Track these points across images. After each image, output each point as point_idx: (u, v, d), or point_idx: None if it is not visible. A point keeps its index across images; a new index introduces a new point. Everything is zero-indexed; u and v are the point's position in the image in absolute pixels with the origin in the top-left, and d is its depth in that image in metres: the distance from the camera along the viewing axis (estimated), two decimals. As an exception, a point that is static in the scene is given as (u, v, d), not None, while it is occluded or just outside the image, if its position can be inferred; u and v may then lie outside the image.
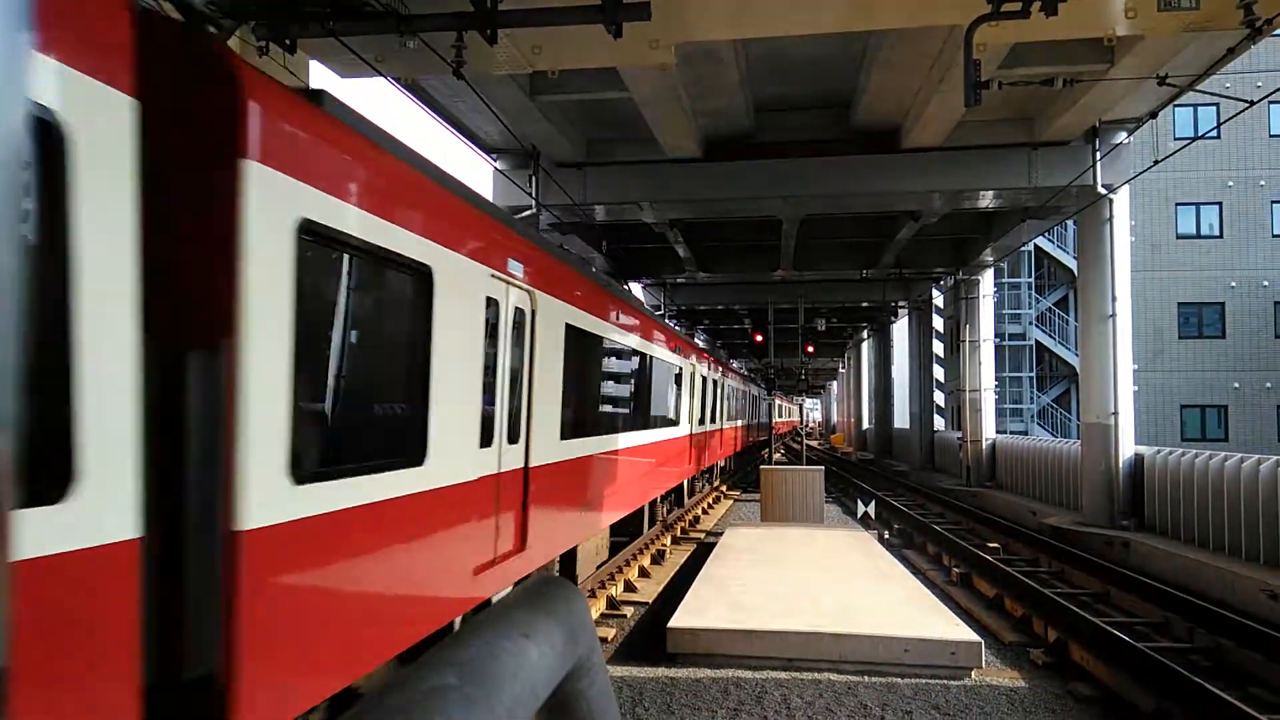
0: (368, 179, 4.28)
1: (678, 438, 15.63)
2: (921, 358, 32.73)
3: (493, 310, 5.97)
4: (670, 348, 14.33)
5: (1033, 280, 36.78)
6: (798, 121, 16.63)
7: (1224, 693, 6.66)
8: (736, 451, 30.32)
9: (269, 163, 3.49)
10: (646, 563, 13.39)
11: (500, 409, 6.17)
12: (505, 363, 6.26)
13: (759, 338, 31.43)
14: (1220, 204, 30.68)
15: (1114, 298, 15.79)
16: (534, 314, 6.82)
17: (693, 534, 17.21)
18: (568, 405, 7.86)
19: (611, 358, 10.10)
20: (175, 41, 3.34)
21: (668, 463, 14.77)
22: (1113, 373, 15.72)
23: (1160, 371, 30.54)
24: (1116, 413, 15.61)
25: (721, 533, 14.87)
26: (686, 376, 16.36)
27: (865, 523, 17.35)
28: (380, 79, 10.70)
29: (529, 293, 6.72)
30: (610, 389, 10.18)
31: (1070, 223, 26.65)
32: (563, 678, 1.62)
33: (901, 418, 37.90)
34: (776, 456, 42.21)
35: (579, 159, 17.03)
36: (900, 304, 33.33)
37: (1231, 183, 30.46)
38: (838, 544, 13.23)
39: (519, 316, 6.54)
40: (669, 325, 16.34)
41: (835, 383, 79.81)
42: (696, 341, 25.57)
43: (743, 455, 34.59)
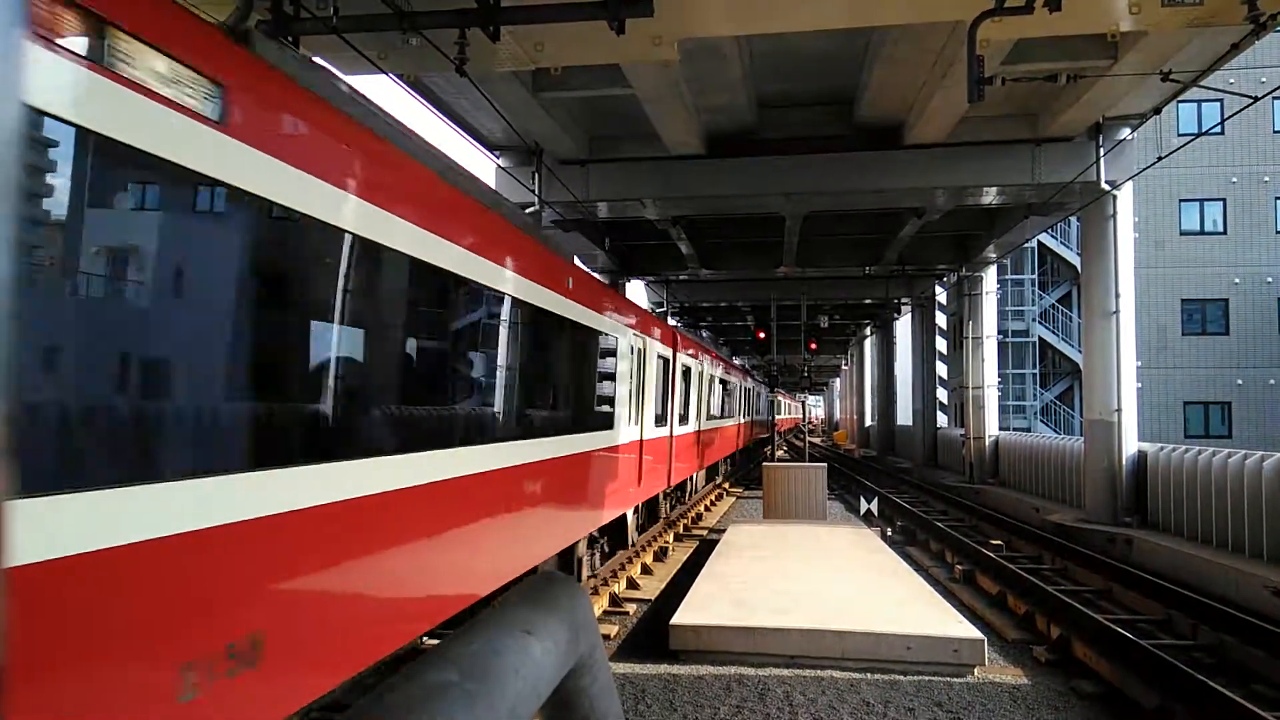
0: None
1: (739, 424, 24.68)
2: (924, 354, 32.71)
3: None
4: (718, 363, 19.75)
5: (1036, 277, 36.69)
6: (800, 118, 16.60)
7: (1228, 690, 6.65)
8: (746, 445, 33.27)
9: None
10: (649, 560, 13.40)
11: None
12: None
13: (762, 335, 31.43)
14: (1224, 200, 30.60)
15: (1117, 294, 15.77)
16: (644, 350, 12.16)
17: (695, 531, 17.22)
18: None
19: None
20: None
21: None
22: (1116, 369, 15.70)
23: (1164, 368, 30.49)
24: (1120, 409, 15.59)
25: (724, 530, 14.87)
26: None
27: (868, 520, 17.35)
28: (383, 76, 10.70)
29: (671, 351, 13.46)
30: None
31: (1074, 219, 26.58)
32: (565, 675, 1.62)
33: (904, 414, 37.88)
34: (779, 453, 42.21)
35: (582, 156, 17.02)
36: (903, 301, 33.30)
37: (1235, 179, 30.37)
38: (840, 541, 13.23)
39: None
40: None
41: (838, 380, 79.79)
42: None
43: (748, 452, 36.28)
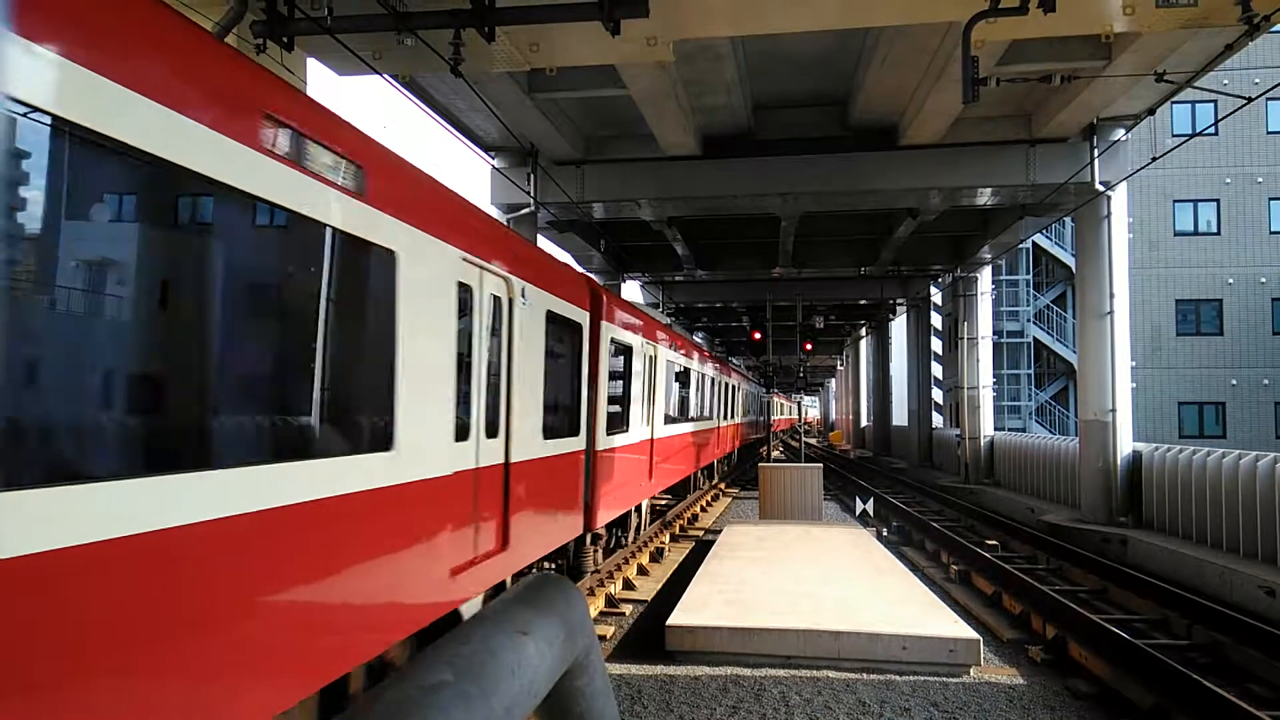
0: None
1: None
2: (920, 355, 32.75)
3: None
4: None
5: (1031, 277, 36.79)
6: (796, 119, 16.63)
7: (1222, 690, 6.66)
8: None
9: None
10: (645, 560, 13.39)
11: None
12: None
13: (757, 335, 31.41)
14: (1218, 201, 30.68)
15: (1112, 294, 15.80)
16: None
17: (691, 531, 17.21)
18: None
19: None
20: None
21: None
22: (1110, 370, 15.73)
23: (1158, 368, 30.56)
24: (1114, 410, 15.62)
25: (720, 530, 14.87)
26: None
27: (864, 520, 17.36)
28: (377, 76, 10.69)
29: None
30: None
31: (1068, 220, 26.65)
32: (561, 675, 1.61)
33: (900, 415, 37.91)
34: (775, 454, 42.23)
35: (577, 157, 17.01)
36: (898, 301, 33.33)
37: (1229, 179, 30.46)
38: (836, 541, 13.23)
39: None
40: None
41: (833, 380, 79.85)
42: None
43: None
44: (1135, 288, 21.76)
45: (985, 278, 25.77)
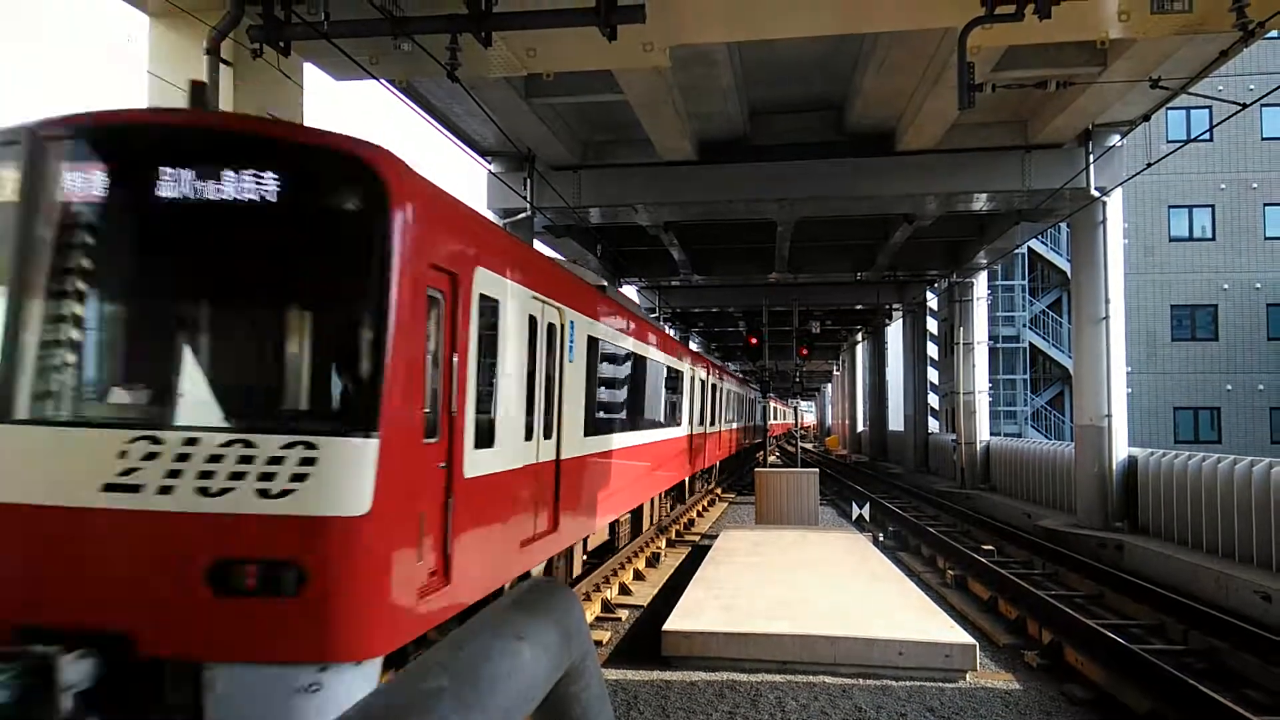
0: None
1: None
2: (916, 360, 32.79)
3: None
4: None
5: (1026, 283, 36.86)
6: (792, 124, 16.66)
7: (1218, 695, 6.67)
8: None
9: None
10: (641, 565, 13.38)
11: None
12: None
13: (754, 340, 31.43)
14: (1213, 206, 30.79)
15: (1107, 300, 15.83)
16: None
17: (688, 536, 17.21)
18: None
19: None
20: None
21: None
22: (1106, 375, 15.76)
23: (1153, 374, 30.63)
24: (1110, 415, 15.65)
25: (716, 535, 14.85)
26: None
27: (860, 525, 17.36)
28: (374, 81, 10.67)
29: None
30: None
31: (1064, 225, 26.72)
32: (557, 680, 1.61)
33: (896, 420, 37.96)
34: (772, 459, 42.24)
35: (574, 162, 17.03)
36: (894, 307, 33.42)
37: (1224, 185, 30.56)
38: (832, 546, 13.23)
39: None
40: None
41: (830, 385, 79.90)
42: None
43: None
44: (1131, 293, 21.81)
45: (981, 283, 25.83)
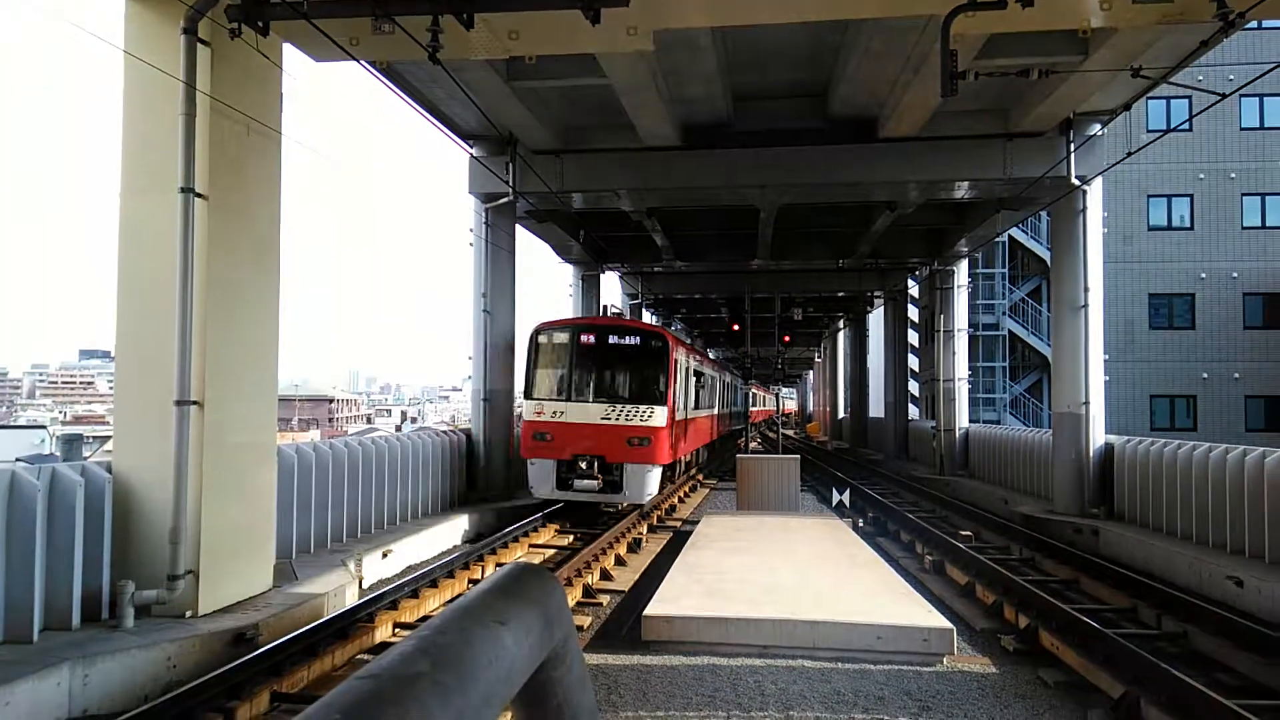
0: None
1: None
2: (896, 347, 32.93)
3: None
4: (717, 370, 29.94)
5: (1006, 271, 37.01)
6: (776, 110, 16.63)
7: (1190, 678, 6.77)
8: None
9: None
10: (623, 551, 13.41)
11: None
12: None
13: (736, 327, 31.50)
14: (1191, 196, 31.03)
15: (1086, 288, 15.95)
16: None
17: (669, 522, 17.26)
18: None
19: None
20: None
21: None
22: (1084, 363, 15.89)
23: (1131, 362, 30.91)
24: (1087, 402, 15.79)
25: (698, 521, 14.91)
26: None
27: (840, 511, 17.46)
28: (355, 63, 10.56)
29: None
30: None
31: (1044, 214, 26.86)
32: (538, 665, 1.61)
33: (877, 407, 38.15)
34: (753, 445, 42.41)
35: (556, 146, 16.94)
36: (876, 294, 33.52)
37: (1202, 175, 30.81)
38: (813, 532, 13.30)
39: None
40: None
41: (811, 372, 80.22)
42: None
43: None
44: (1109, 282, 21.98)
45: (962, 271, 25.96)
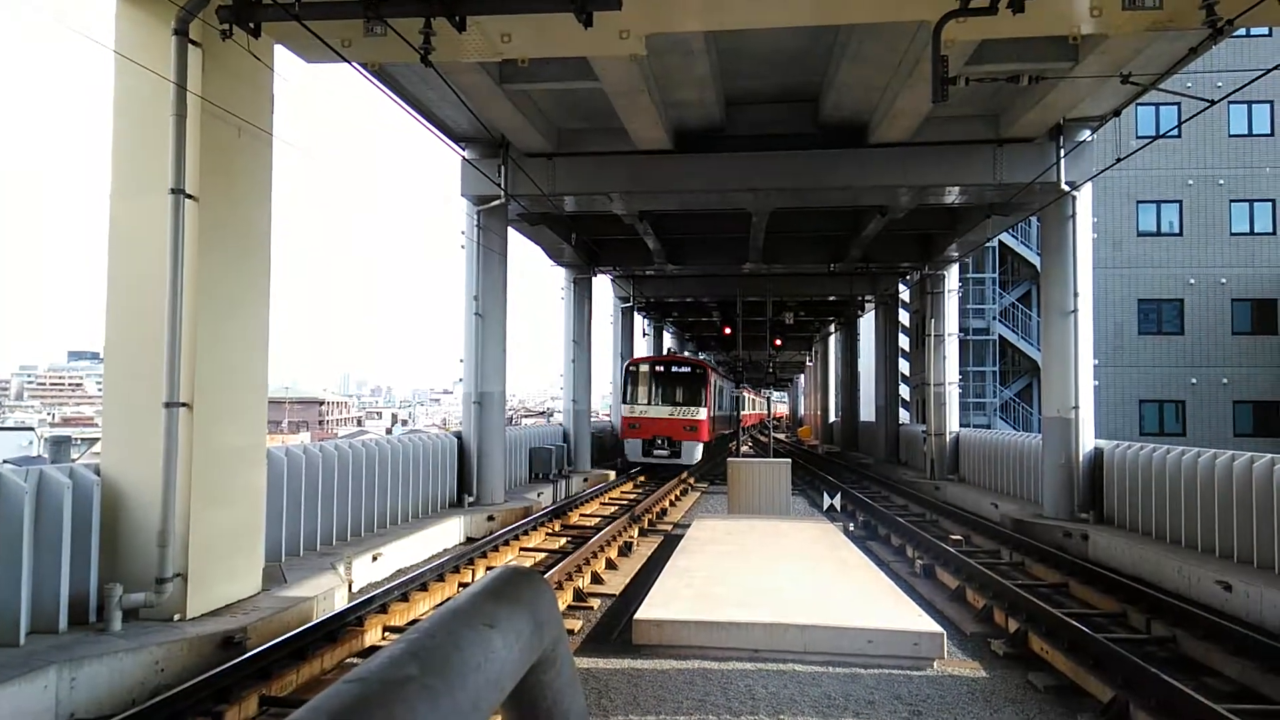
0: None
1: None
2: (887, 351, 32.99)
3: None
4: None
5: (997, 275, 37.17)
6: (767, 115, 16.66)
7: (1179, 682, 6.79)
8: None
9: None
10: (614, 555, 13.40)
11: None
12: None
13: (728, 331, 31.52)
14: (1180, 202, 31.20)
15: (1076, 293, 16.00)
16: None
17: (660, 526, 17.25)
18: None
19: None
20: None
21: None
22: (1074, 367, 15.95)
23: (1120, 367, 31.05)
24: (1077, 407, 15.84)
25: (689, 525, 14.90)
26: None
27: (831, 515, 17.47)
28: (347, 65, 10.55)
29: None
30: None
31: (1034, 219, 26.96)
32: (528, 668, 1.61)
33: (867, 411, 38.23)
34: (744, 449, 42.54)
35: (549, 149, 16.93)
36: (867, 298, 33.57)
37: (1191, 181, 30.99)
38: (803, 536, 13.31)
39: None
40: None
41: (802, 376, 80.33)
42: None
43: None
44: (1099, 287, 22.08)
45: (953, 275, 26.02)
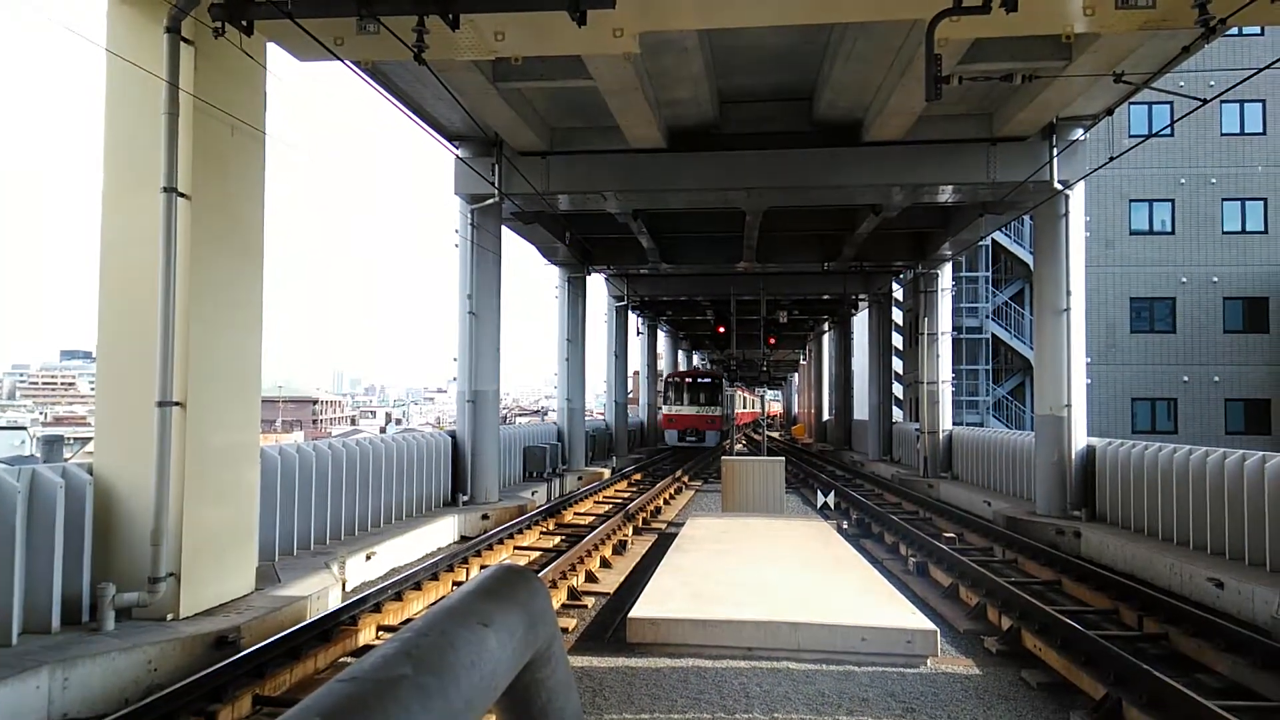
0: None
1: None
2: (881, 350, 33.06)
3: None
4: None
5: (989, 274, 37.23)
6: (761, 113, 16.67)
7: (1171, 679, 6.81)
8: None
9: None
10: (608, 553, 13.40)
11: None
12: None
13: (722, 329, 31.54)
14: (1172, 201, 31.31)
15: (1068, 292, 16.05)
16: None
17: (654, 524, 17.25)
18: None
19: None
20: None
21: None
22: (1066, 366, 15.99)
23: (1113, 365, 31.16)
24: (1069, 405, 15.89)
25: (683, 523, 14.91)
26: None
27: (824, 513, 17.50)
28: (339, 63, 10.52)
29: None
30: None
31: (1027, 218, 27.02)
32: (523, 667, 1.60)
33: (861, 409, 38.28)
34: (738, 448, 42.62)
35: (542, 148, 16.91)
36: (860, 297, 33.64)
37: (1183, 180, 31.09)
38: (797, 534, 13.33)
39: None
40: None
41: (796, 375, 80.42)
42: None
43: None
44: (1091, 285, 22.15)
45: (946, 274, 26.06)
